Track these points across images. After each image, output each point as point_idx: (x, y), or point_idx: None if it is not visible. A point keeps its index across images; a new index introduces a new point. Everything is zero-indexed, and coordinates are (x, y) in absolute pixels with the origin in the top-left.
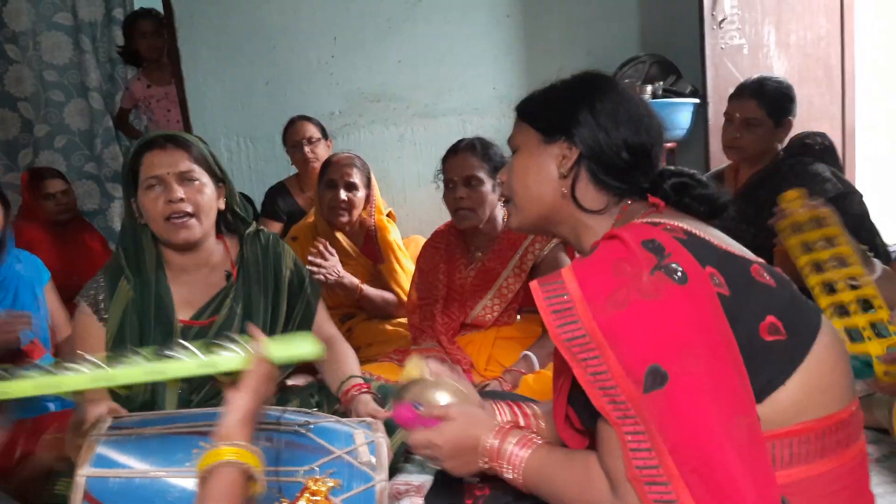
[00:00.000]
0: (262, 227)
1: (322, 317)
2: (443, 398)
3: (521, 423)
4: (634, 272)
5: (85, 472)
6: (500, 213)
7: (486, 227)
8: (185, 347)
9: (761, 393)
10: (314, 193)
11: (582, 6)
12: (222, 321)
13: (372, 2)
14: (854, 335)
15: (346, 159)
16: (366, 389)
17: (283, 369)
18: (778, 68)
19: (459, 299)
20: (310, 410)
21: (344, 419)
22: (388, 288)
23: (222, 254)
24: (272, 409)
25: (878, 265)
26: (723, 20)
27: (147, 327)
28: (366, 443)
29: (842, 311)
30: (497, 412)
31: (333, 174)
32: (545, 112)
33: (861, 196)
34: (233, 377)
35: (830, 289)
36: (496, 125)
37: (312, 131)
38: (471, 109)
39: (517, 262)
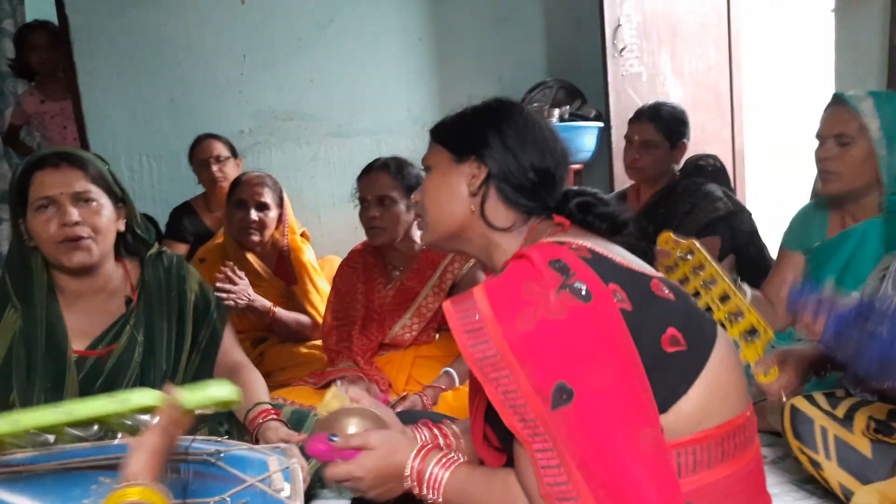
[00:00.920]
0: (165, 248)
1: (229, 342)
2: (357, 426)
3: (442, 443)
4: (542, 292)
5: None
6: (416, 232)
7: (402, 246)
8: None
9: (665, 403)
10: (222, 213)
11: (492, 32)
12: (122, 350)
13: (282, 21)
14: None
15: (257, 178)
16: (273, 415)
17: (201, 415)
18: (674, 95)
19: (378, 319)
20: (220, 438)
21: (257, 446)
22: (301, 310)
23: (121, 278)
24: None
25: (748, 291)
26: (623, 49)
27: (36, 359)
28: (280, 469)
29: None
30: (418, 437)
31: (244, 193)
32: (457, 133)
33: (750, 214)
34: (138, 427)
35: (708, 310)
36: (410, 146)
37: (220, 149)
38: (385, 130)
39: (436, 281)
